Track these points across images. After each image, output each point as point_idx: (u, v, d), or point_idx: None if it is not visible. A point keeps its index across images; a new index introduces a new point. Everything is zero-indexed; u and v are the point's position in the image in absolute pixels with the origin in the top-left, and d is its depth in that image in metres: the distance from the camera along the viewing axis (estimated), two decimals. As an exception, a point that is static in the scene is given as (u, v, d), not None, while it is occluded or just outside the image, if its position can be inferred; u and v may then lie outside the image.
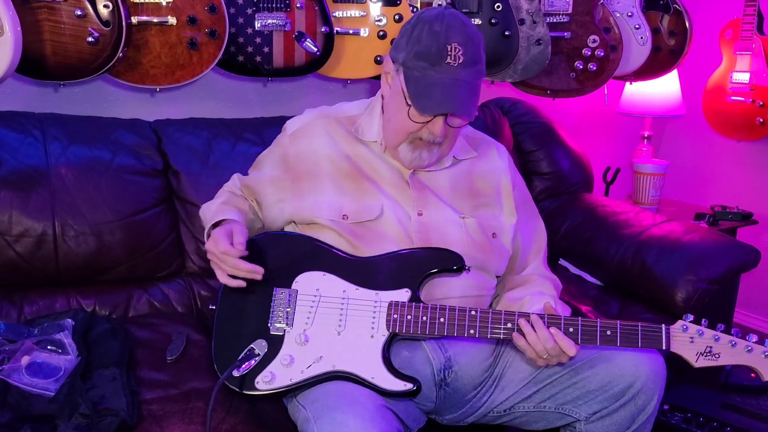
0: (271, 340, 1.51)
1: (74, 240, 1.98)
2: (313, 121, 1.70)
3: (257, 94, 2.62)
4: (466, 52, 1.47)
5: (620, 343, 1.44)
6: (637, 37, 2.68)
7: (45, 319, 1.84)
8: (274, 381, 1.47)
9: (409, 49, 1.50)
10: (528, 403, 1.62)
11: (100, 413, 1.50)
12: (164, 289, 2.12)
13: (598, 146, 3.36)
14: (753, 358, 1.40)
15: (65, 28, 1.94)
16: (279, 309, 1.53)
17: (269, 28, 2.19)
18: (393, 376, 1.46)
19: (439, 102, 1.49)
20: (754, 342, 1.40)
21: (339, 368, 1.47)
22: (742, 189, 3.27)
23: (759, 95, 2.85)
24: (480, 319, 1.47)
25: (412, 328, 1.48)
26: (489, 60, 2.50)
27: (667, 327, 1.43)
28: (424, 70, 1.48)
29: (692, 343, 1.42)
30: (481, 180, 1.72)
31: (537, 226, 1.80)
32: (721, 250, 2.28)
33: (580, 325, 1.45)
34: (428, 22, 1.50)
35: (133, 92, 2.40)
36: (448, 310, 1.48)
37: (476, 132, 1.82)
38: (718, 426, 1.91)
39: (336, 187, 1.63)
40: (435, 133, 1.53)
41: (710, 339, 1.41)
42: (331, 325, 1.51)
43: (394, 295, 1.51)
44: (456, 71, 1.47)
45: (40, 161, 1.99)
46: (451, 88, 1.48)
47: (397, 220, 1.60)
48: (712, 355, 1.41)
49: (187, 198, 2.16)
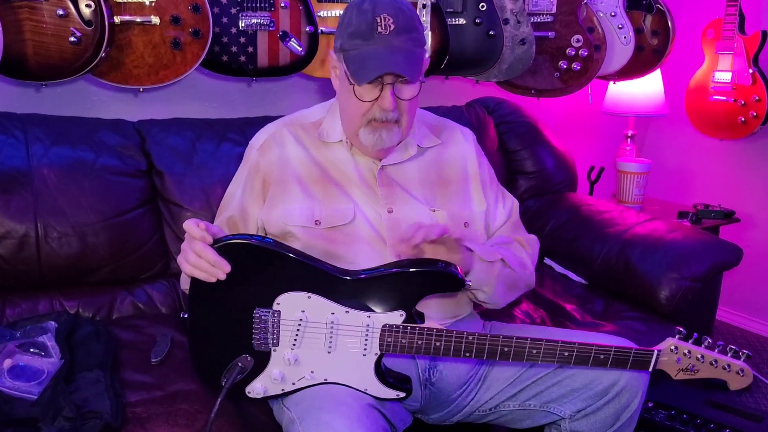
0: (257, 354, 1.45)
1: (57, 241, 1.97)
2: (279, 131, 1.69)
3: (242, 94, 2.61)
4: (396, 20, 1.47)
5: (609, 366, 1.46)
6: (620, 37, 2.70)
7: (28, 322, 1.82)
8: (266, 393, 1.47)
9: (343, 33, 1.52)
10: (513, 402, 1.62)
11: (84, 416, 1.49)
12: (148, 290, 2.11)
13: (582, 146, 3.38)
14: (727, 375, 1.47)
15: (47, 27, 1.92)
16: (261, 330, 1.44)
17: (253, 27, 2.18)
18: (386, 387, 1.45)
19: (374, 68, 1.48)
20: (731, 359, 1.47)
21: (331, 380, 1.45)
22: (725, 187, 3.30)
23: (741, 94, 2.88)
24: (477, 344, 1.44)
25: (405, 350, 1.44)
26: (474, 59, 2.53)
27: (659, 350, 1.46)
28: (359, 47, 1.49)
29: (677, 363, 1.47)
30: (449, 168, 1.71)
31: (506, 203, 1.79)
32: (704, 248, 2.30)
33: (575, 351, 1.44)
34: (357, 5, 1.51)
35: (117, 92, 2.38)
36: (444, 335, 1.43)
37: (439, 119, 1.81)
38: (701, 423, 1.93)
39: (306, 194, 1.61)
40: (385, 107, 1.52)
41: (695, 359, 1.47)
42: (319, 346, 1.45)
43: (388, 318, 1.43)
44: (389, 39, 1.47)
45: (22, 162, 1.97)
46: (385, 54, 1.47)
47: (369, 221, 1.60)
48: (692, 371, 1.48)
49: (171, 199, 2.15)
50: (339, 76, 1.59)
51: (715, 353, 1.47)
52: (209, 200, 2.13)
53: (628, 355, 1.45)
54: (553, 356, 1.45)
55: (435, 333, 1.43)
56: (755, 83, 2.83)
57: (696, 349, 1.47)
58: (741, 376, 1.47)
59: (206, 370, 1.49)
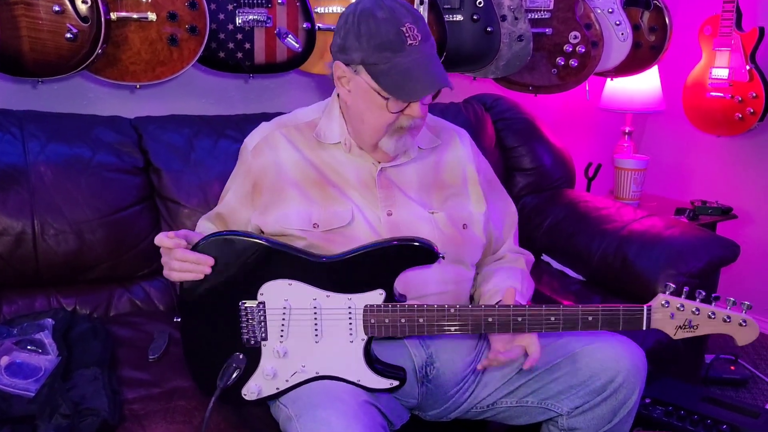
0: (248, 352, 1.48)
1: (54, 239, 1.96)
2: (272, 133, 1.66)
3: (239, 91, 2.60)
4: (419, 28, 1.46)
5: (601, 328, 1.45)
6: (617, 34, 2.70)
7: (25, 319, 1.82)
8: (261, 392, 1.48)
9: (365, 46, 1.47)
10: (510, 399, 1.62)
11: (81, 413, 1.49)
12: (146, 287, 2.11)
13: (579, 142, 3.38)
14: (730, 327, 1.41)
15: (43, 24, 1.92)
16: (249, 323, 1.47)
17: (250, 24, 2.18)
18: (378, 375, 1.46)
19: (424, 83, 1.47)
20: (732, 312, 1.41)
21: (323, 373, 1.46)
22: (722, 184, 3.31)
23: (738, 91, 2.88)
24: (459, 317, 1.46)
25: (390, 331, 1.46)
26: (471, 56, 2.53)
27: (648, 307, 1.44)
28: (390, 59, 1.45)
29: (672, 319, 1.43)
30: (448, 171, 1.70)
31: (506, 208, 1.79)
32: (701, 244, 2.30)
33: (561, 316, 1.45)
34: (370, 14, 1.46)
35: (113, 89, 2.37)
36: (426, 310, 1.45)
37: (436, 119, 1.80)
38: (698, 419, 1.93)
39: (303, 196, 1.59)
40: (416, 115, 1.52)
41: (690, 313, 1.41)
42: (307, 334, 1.47)
43: (368, 298, 1.45)
44: (421, 50, 1.46)
45: (18, 159, 1.97)
46: (426, 66, 1.47)
47: (369, 223, 1.58)
48: (691, 328, 1.42)
49: (168, 196, 2.14)
50: (353, 89, 1.54)
51: (712, 306, 1.41)
52: (206, 197, 2.13)
53: (617, 313, 1.44)
54: (539, 323, 1.45)
55: (416, 308, 1.45)
56: (752, 80, 2.83)
57: (690, 302, 1.42)
58: (744, 327, 1.40)
59: (202, 374, 1.50)
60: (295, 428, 1.35)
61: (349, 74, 1.52)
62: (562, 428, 1.61)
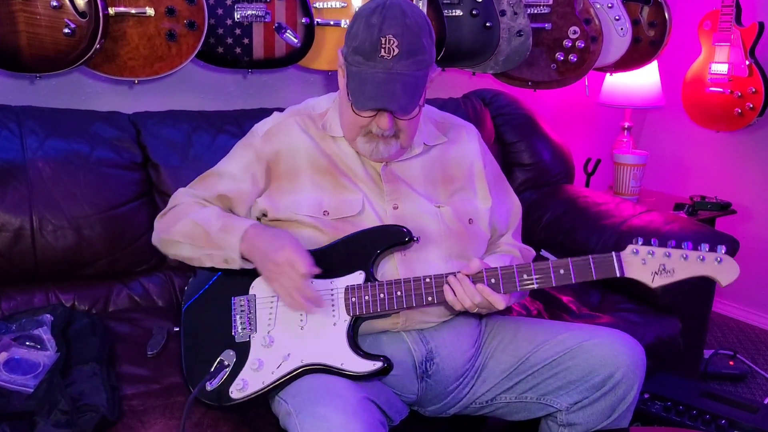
0: (239, 348, 1.51)
1: (52, 234, 1.96)
2: (285, 119, 1.67)
3: (237, 86, 2.60)
4: (401, 43, 1.43)
5: (575, 279, 1.44)
6: (617, 29, 2.69)
7: (23, 315, 1.82)
8: (246, 388, 1.48)
9: (349, 44, 1.49)
10: (509, 394, 1.63)
11: (80, 409, 1.49)
12: (144, 283, 2.11)
13: (578, 137, 3.38)
14: (707, 267, 1.40)
15: (41, 19, 1.91)
16: (240, 317, 1.54)
17: (249, 19, 2.17)
18: (361, 357, 1.46)
19: (370, 97, 1.46)
20: (706, 251, 1.40)
21: (307, 361, 1.47)
22: (721, 179, 3.31)
23: (737, 86, 2.88)
24: (435, 285, 1.48)
25: (371, 307, 1.48)
26: (470, 51, 2.52)
27: (617, 253, 1.43)
28: (360, 64, 1.46)
29: (645, 265, 1.41)
30: (454, 166, 1.70)
31: (511, 205, 1.79)
32: (700, 239, 2.29)
33: (533, 270, 1.45)
34: (365, 16, 1.46)
35: (111, 84, 2.37)
36: (403, 282, 1.49)
37: (444, 115, 1.80)
38: (697, 414, 1.93)
39: (314, 184, 1.60)
40: (382, 127, 1.51)
41: (662, 257, 1.40)
42: (293, 322, 1.51)
43: (349, 280, 1.51)
44: (390, 64, 1.44)
45: (16, 155, 1.96)
46: (383, 83, 1.44)
47: (377, 214, 1.59)
48: (667, 272, 1.40)
49: (167, 191, 2.13)
50: (341, 82, 1.56)
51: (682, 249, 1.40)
52: (205, 193, 2.12)
53: (587, 261, 1.44)
54: (512, 282, 1.46)
55: (394, 282, 1.49)
56: (752, 75, 2.83)
57: (660, 248, 1.40)
58: (723, 264, 1.39)
59: (198, 380, 1.50)
60: (294, 424, 1.35)
61: (341, 65, 1.55)
62: (561, 424, 1.61)
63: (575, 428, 1.60)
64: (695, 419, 1.93)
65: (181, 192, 1.70)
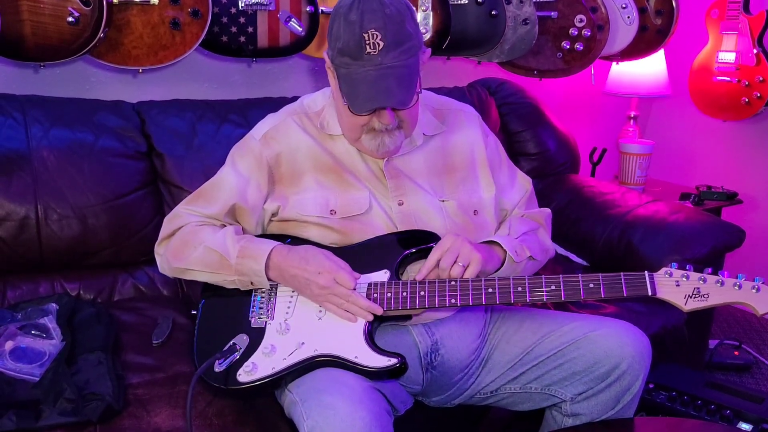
0: (252, 333, 1.50)
1: (57, 224, 1.96)
2: (283, 120, 1.63)
3: (242, 75, 2.59)
4: (385, 35, 1.38)
5: (605, 294, 1.41)
6: (623, 17, 2.67)
7: (29, 304, 1.82)
8: (255, 371, 1.44)
9: (333, 46, 1.44)
10: (514, 385, 1.63)
11: (86, 398, 1.50)
12: (149, 272, 2.11)
13: (584, 127, 3.37)
14: (744, 294, 1.37)
15: (45, 8, 1.90)
16: (259, 303, 1.54)
17: (253, 7, 2.16)
18: (376, 353, 1.44)
19: (366, 99, 1.43)
20: (743, 279, 1.37)
21: (321, 352, 1.44)
22: (727, 169, 3.29)
23: (745, 75, 2.86)
24: (460, 288, 1.46)
25: (392, 304, 1.47)
26: (475, 40, 2.51)
27: (650, 273, 1.42)
28: (348, 66, 1.42)
29: (678, 287, 1.39)
30: (456, 154, 1.68)
31: (517, 183, 1.76)
32: (706, 230, 2.29)
33: (562, 282, 1.43)
34: (343, 14, 1.40)
35: (116, 73, 2.36)
36: (427, 283, 1.47)
37: (441, 100, 1.75)
38: (702, 404, 1.93)
39: (319, 184, 1.58)
40: (384, 122, 1.48)
41: (696, 281, 1.38)
42: (311, 312, 1.50)
43: (374, 277, 1.50)
44: (378, 59, 1.39)
45: (21, 144, 1.97)
46: (376, 80, 1.40)
47: (384, 211, 1.58)
48: (701, 296, 1.37)
49: (171, 181, 2.14)
50: (332, 84, 1.52)
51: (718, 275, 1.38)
52: (210, 182, 2.12)
53: (618, 278, 1.42)
54: (540, 292, 1.43)
55: (419, 283, 1.47)
56: (759, 64, 2.81)
57: (694, 273, 1.39)
58: (759, 294, 1.35)
59: (207, 358, 1.49)
60: (300, 412, 1.35)
61: (330, 67, 1.50)
62: (565, 414, 1.61)
63: (580, 418, 1.60)
64: (700, 409, 1.92)
65: (180, 211, 1.63)
